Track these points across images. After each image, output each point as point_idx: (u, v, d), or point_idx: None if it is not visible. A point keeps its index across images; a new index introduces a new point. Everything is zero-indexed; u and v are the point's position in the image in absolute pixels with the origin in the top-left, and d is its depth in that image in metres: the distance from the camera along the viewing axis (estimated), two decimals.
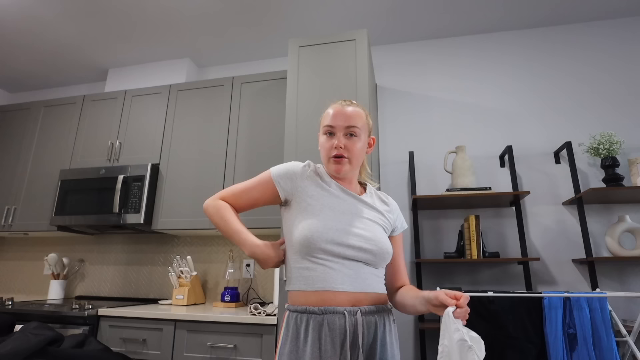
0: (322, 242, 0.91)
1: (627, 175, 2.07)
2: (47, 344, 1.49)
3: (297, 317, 0.91)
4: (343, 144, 0.98)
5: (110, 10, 2.34)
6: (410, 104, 2.51)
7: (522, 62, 2.43)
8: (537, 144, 2.25)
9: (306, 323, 0.89)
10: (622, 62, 2.29)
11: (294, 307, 0.93)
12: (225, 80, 2.40)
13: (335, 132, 1.00)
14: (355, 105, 1.04)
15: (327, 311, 0.88)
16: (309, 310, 0.89)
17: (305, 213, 0.96)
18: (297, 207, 0.99)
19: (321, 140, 1.03)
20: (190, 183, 2.26)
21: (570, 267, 2.03)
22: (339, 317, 0.88)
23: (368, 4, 2.28)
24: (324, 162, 1.04)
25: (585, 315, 1.48)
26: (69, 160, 2.54)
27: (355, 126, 0.99)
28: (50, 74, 3.11)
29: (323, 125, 1.03)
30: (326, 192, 1.00)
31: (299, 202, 0.99)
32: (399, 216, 1.10)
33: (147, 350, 1.76)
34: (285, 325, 0.93)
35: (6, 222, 2.51)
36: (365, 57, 1.88)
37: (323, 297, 0.90)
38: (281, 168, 1.04)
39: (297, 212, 0.98)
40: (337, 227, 0.93)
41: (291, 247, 0.97)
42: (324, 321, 0.87)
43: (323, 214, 0.95)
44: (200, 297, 2.28)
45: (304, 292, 0.93)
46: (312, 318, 0.88)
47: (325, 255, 0.91)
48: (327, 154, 1.01)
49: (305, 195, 0.99)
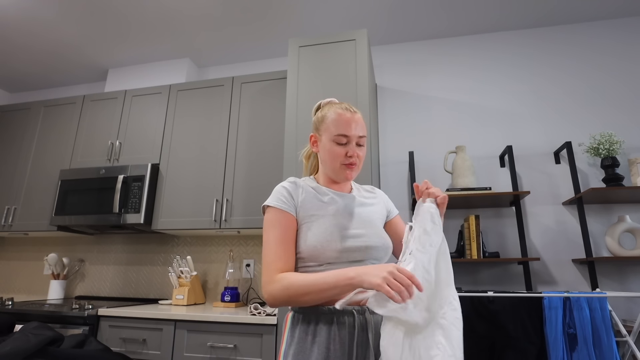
0: (330, 251, 0.91)
1: (627, 175, 2.07)
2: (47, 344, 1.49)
3: (304, 317, 0.90)
4: (357, 153, 1.00)
5: (110, 10, 2.33)
6: (410, 104, 2.51)
7: (522, 62, 2.43)
8: (537, 144, 2.25)
9: (315, 323, 0.88)
10: (622, 62, 2.29)
11: (298, 309, 0.92)
12: (225, 80, 2.40)
13: (350, 141, 1.00)
14: (359, 112, 1.06)
15: (336, 310, 0.88)
16: (319, 310, 0.89)
17: (309, 223, 0.96)
18: (300, 219, 0.98)
19: (330, 147, 1.01)
20: (190, 183, 2.26)
21: (570, 267, 2.03)
22: (348, 316, 0.88)
23: (368, 4, 2.28)
24: (331, 167, 1.02)
25: (585, 315, 1.48)
26: (69, 160, 2.54)
27: (365, 136, 1.03)
28: (50, 74, 3.11)
29: (335, 133, 1.00)
30: (323, 202, 1.01)
31: (301, 214, 0.98)
32: (387, 200, 1.15)
33: (147, 350, 1.75)
34: (290, 326, 0.93)
35: (6, 222, 2.51)
36: (365, 57, 1.88)
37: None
38: (275, 197, 0.99)
39: (300, 224, 0.97)
40: (341, 234, 0.94)
41: (300, 258, 0.95)
42: (334, 320, 0.87)
43: (325, 221, 0.95)
44: (200, 297, 2.28)
45: None
46: (322, 318, 0.88)
47: (334, 261, 0.92)
48: (339, 161, 1.00)
49: (305, 206, 0.99)
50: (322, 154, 1.04)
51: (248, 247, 2.42)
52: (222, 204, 2.15)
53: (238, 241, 2.45)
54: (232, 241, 2.46)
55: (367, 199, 1.08)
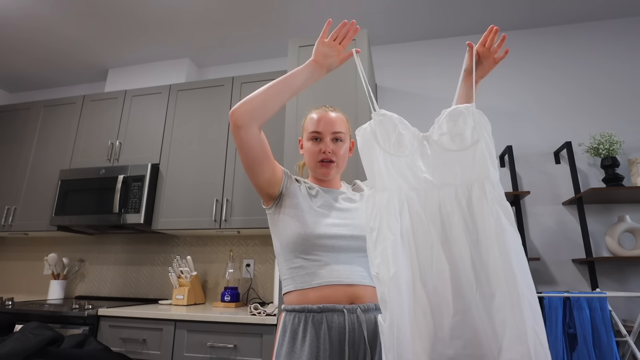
0: (315, 238, 0.92)
1: (627, 175, 2.07)
2: (47, 344, 1.49)
3: (294, 316, 0.89)
4: (331, 148, 1.02)
5: (111, 10, 2.33)
6: (410, 104, 2.51)
7: (522, 62, 2.43)
8: (537, 144, 2.25)
9: (304, 322, 0.87)
10: (622, 62, 2.29)
11: (291, 307, 0.92)
12: (225, 80, 2.40)
13: (322, 138, 1.03)
14: (338, 111, 1.09)
15: (326, 309, 0.87)
16: (307, 308, 0.88)
17: (296, 212, 0.97)
18: (287, 207, 0.99)
19: (307, 146, 1.05)
20: (190, 183, 2.26)
21: (570, 267, 2.03)
22: (338, 315, 0.87)
23: (368, 4, 2.28)
24: (310, 166, 1.06)
25: (585, 315, 1.48)
26: (69, 160, 2.54)
27: (341, 131, 1.04)
28: (50, 74, 3.11)
29: (309, 131, 1.05)
30: (311, 194, 1.03)
31: (289, 202, 1.00)
32: None
33: (147, 350, 1.75)
34: (281, 326, 0.93)
35: (6, 222, 2.51)
36: (365, 57, 1.88)
37: (321, 293, 0.89)
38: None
39: (287, 213, 0.99)
40: (327, 222, 0.95)
41: (283, 247, 0.97)
42: (323, 319, 0.86)
43: (312, 211, 0.97)
44: (200, 297, 2.28)
45: (301, 291, 0.92)
46: (311, 317, 0.87)
47: (318, 250, 0.92)
48: (314, 158, 1.03)
49: (295, 196, 1.00)
50: (304, 155, 1.08)
51: (248, 247, 2.42)
52: (222, 204, 2.15)
53: (238, 241, 2.45)
54: (232, 241, 2.46)
55: (354, 196, 1.09)
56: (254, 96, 0.90)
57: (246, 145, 0.91)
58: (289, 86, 0.94)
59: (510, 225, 0.71)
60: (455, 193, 0.77)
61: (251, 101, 0.90)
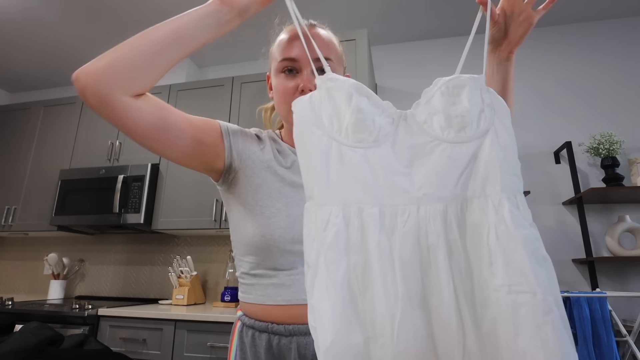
0: (286, 243, 0.66)
1: (627, 175, 2.07)
2: (47, 344, 1.49)
3: (254, 335, 0.68)
4: (313, 83, 0.62)
5: (110, 10, 2.33)
6: (410, 104, 2.49)
7: (521, 61, 2.42)
8: (537, 143, 2.25)
9: (267, 344, 0.66)
10: (623, 61, 2.29)
11: (250, 322, 0.69)
12: (225, 80, 2.40)
13: (299, 68, 0.68)
14: (325, 27, 0.77)
15: (296, 332, 0.64)
16: (272, 329, 0.66)
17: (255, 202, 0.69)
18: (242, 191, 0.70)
19: (277, 82, 0.70)
20: (190, 183, 2.25)
21: (570, 267, 2.03)
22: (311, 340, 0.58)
23: (368, 4, 2.28)
24: (282, 112, 0.71)
25: (586, 315, 1.48)
26: (69, 160, 2.53)
27: (329, 58, 0.69)
28: (50, 74, 3.11)
29: (278, 59, 0.70)
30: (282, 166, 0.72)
31: (245, 182, 0.70)
32: None
33: (147, 350, 1.75)
34: (237, 340, 0.71)
35: (6, 222, 2.51)
36: (365, 57, 1.88)
37: (290, 312, 0.66)
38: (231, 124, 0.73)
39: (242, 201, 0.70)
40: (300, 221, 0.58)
41: (243, 245, 0.71)
42: (292, 344, 0.64)
43: (281, 201, 0.68)
44: (200, 297, 2.28)
45: (264, 305, 0.68)
46: (276, 340, 0.65)
47: (290, 257, 0.66)
48: (287, 99, 0.66)
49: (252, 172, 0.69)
50: (274, 97, 0.74)
51: None
52: (222, 203, 2.15)
53: None
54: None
55: None
56: (117, 51, 0.59)
57: (123, 124, 0.57)
58: (178, 38, 0.62)
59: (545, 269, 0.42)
60: (445, 213, 0.46)
61: (110, 58, 0.58)
